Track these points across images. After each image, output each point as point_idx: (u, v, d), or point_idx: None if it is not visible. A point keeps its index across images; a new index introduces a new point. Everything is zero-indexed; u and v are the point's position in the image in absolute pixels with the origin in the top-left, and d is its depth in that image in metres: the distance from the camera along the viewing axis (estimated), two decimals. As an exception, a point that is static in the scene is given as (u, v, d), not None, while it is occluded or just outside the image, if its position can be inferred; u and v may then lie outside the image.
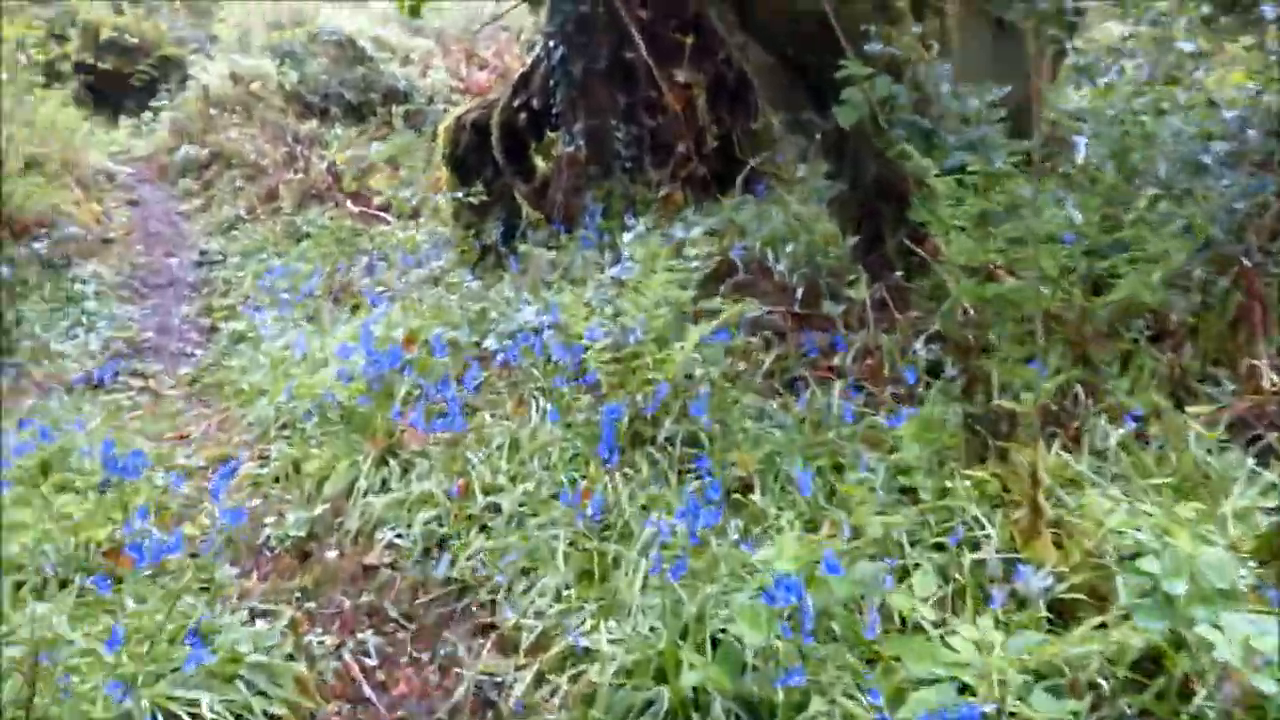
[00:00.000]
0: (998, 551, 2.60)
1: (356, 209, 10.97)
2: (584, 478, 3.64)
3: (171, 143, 12.80)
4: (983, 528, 2.72)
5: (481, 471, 3.78)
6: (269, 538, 3.82)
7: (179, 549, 3.27)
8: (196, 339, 8.24)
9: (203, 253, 10.17)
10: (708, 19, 7.12)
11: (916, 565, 2.67)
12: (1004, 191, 3.43)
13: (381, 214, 10.64)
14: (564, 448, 3.79)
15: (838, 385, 3.87)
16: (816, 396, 3.90)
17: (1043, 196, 3.36)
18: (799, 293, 5.05)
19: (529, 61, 8.01)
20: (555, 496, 3.56)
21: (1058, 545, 2.60)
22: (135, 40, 19.29)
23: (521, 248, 7.01)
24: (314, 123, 12.36)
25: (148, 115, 14.95)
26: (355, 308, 7.34)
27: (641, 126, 7.38)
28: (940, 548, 2.74)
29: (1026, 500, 2.63)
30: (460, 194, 7.87)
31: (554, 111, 7.34)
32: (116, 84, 19.62)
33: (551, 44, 7.14)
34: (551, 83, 7.25)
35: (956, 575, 2.60)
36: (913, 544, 2.77)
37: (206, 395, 6.57)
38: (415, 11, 8.15)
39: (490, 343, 4.86)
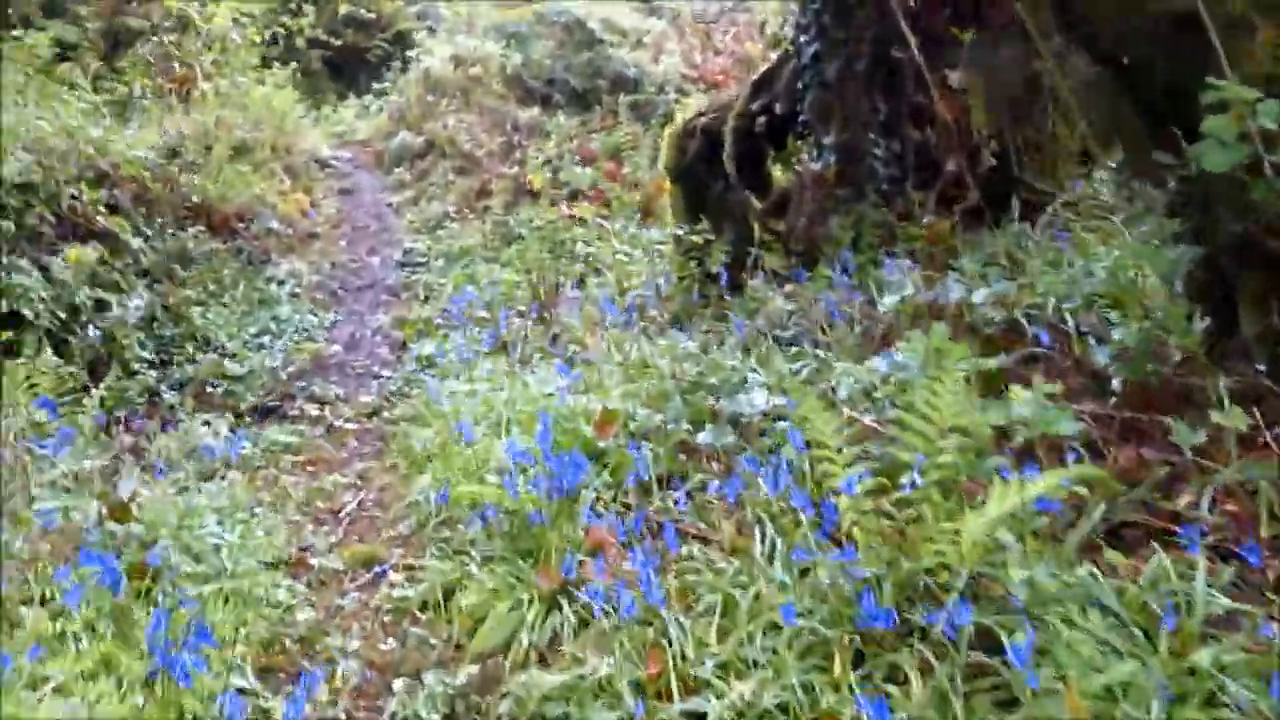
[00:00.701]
0: None
1: (572, 209, 10.23)
2: (826, 684, 2.58)
3: (390, 127, 12.44)
4: None
5: (681, 647, 2.78)
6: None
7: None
8: (386, 355, 7.66)
9: (406, 252, 9.66)
10: (997, 10, 5.89)
11: None
12: None
13: (600, 219, 9.84)
14: (799, 630, 2.73)
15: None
16: (1164, 569, 2.66)
17: None
18: (1115, 384, 3.80)
19: (773, 59, 6.94)
20: (784, 710, 2.52)
21: None
22: (372, 15, 19.42)
23: (751, 283, 5.98)
24: (535, 110, 11.71)
25: (364, 101, 14.74)
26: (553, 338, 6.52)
27: (904, 140, 6.21)
28: None
29: None
30: (684, 210, 6.92)
31: (800, 120, 6.25)
32: (352, 59, 19.83)
33: (803, 39, 6.04)
34: (799, 85, 6.16)
35: None
36: None
37: (380, 438, 5.91)
38: None
39: (706, 436, 3.85)
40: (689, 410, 4.24)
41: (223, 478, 5.08)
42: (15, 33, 14.62)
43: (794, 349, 4.88)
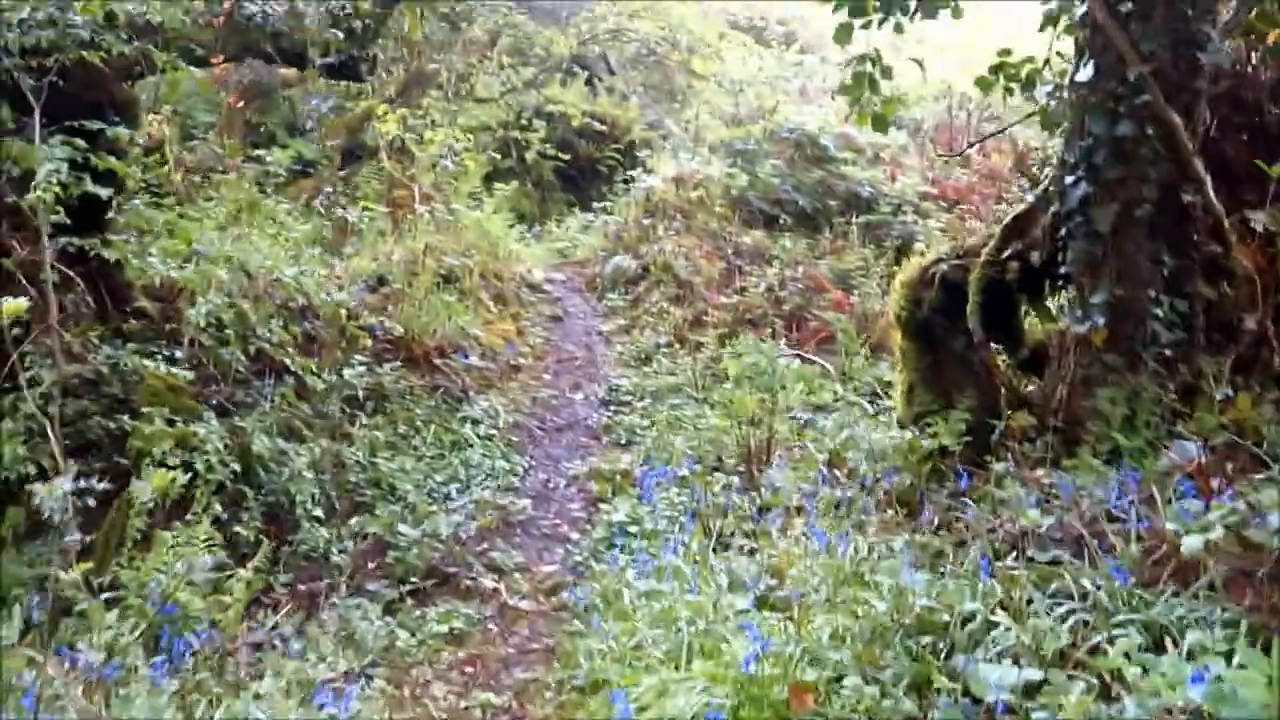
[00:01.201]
0: None
1: (793, 343, 9.47)
2: None
3: (607, 248, 12.11)
4: None
5: None
6: None
7: None
8: (577, 512, 7.08)
9: (612, 388, 9.13)
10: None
11: None
12: None
13: (823, 359, 9.05)
14: None
15: None
16: None
17: None
18: None
19: (1029, 198, 6.04)
20: None
21: None
22: (605, 127, 19.53)
23: (995, 466, 5.02)
24: (759, 233, 11.09)
25: (590, 216, 14.56)
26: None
27: (1192, 298, 5.17)
28: None
29: None
30: (916, 370, 6.04)
31: (1062, 272, 5.30)
32: (585, 170, 19.99)
33: (1068, 180, 5.12)
34: (1063, 231, 5.22)
35: None
36: None
37: (558, 628, 5.26)
38: (880, 125, 6.47)
39: (935, 723, 2.97)
40: (912, 669, 3.36)
41: (369, 677, 4.55)
42: (258, 152, 15.35)
43: (1052, 566, 3.92)
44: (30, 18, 5.66)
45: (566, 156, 17.90)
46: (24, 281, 5.71)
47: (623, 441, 8.21)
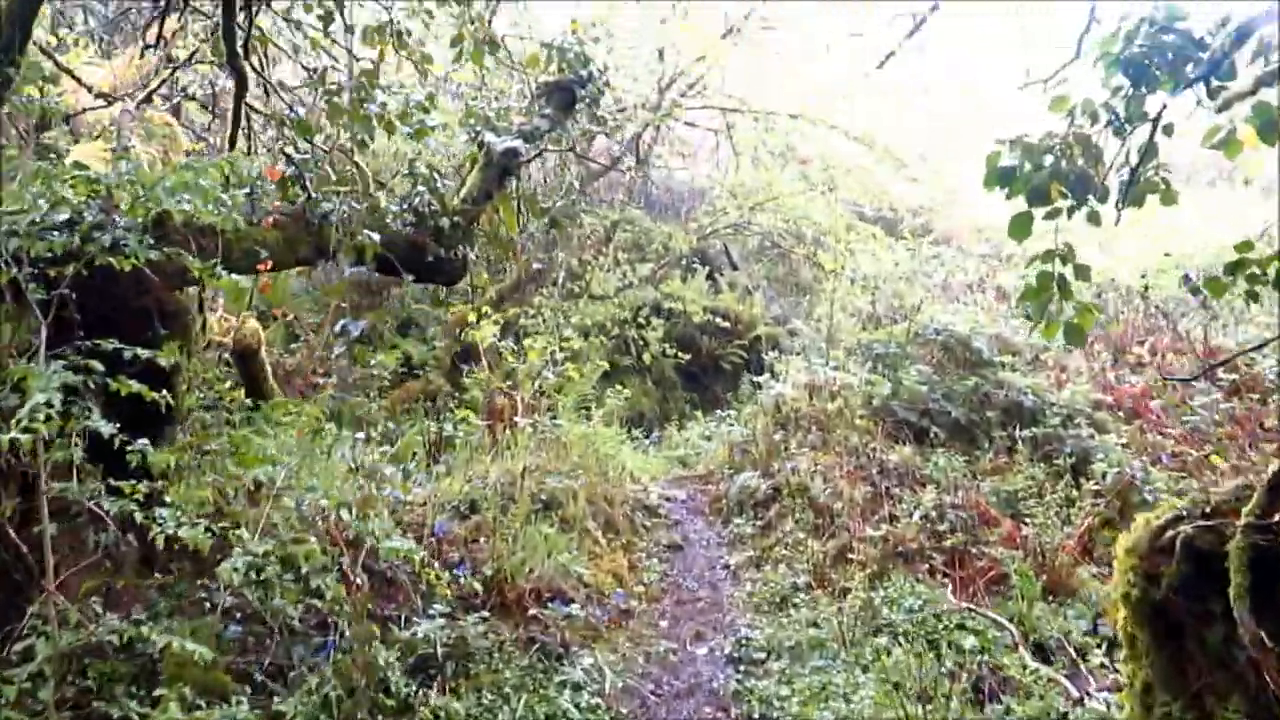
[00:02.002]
0: None
1: (961, 585, 7.99)
2: None
3: (733, 462, 10.84)
4: None
5: None
6: None
7: None
8: (700, 824, 5.60)
9: (740, 641, 7.69)
10: None
11: None
12: None
13: (995, 607, 7.52)
14: None
15: None
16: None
17: None
18: None
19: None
20: None
21: None
22: (728, 323, 18.59)
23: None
24: (908, 449, 9.70)
25: (713, 421, 13.40)
26: None
27: None
28: None
29: None
30: (1154, 663, 4.54)
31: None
32: (708, 367, 18.97)
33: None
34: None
35: None
36: None
37: None
38: (1075, 338, 5.18)
39: None
40: None
41: None
42: (376, 359, 14.73)
43: None
44: (48, 218, 4.85)
45: (687, 356, 16.93)
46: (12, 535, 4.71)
47: (756, 716, 6.74)
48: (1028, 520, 8.75)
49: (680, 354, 16.69)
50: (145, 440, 4.98)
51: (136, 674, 5.11)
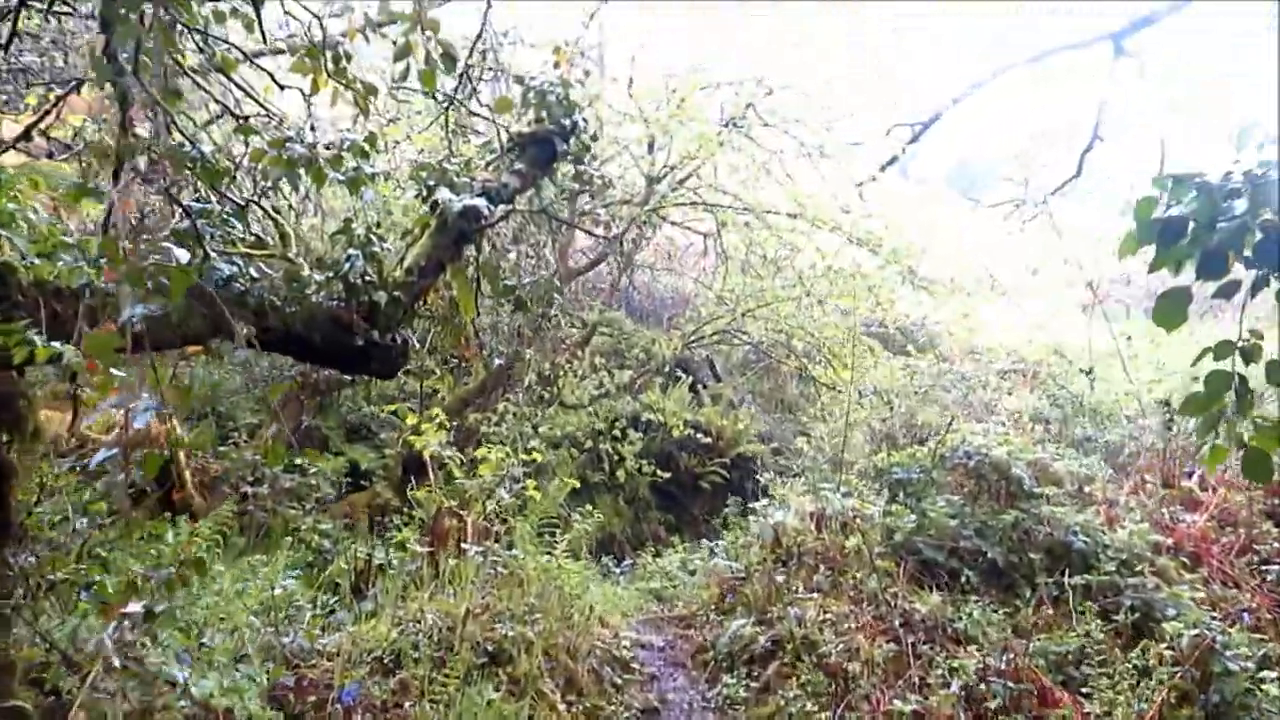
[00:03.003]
0: None
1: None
2: None
3: (721, 603, 9.10)
4: None
5: None
6: None
7: None
8: None
9: None
10: None
11: None
12: None
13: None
14: None
15: None
16: None
17: None
18: None
19: None
20: None
21: None
22: (710, 439, 16.99)
23: None
24: (936, 597, 8.02)
25: (694, 549, 11.69)
26: None
27: None
28: None
29: None
30: None
31: None
32: (685, 488, 17.26)
33: None
34: None
35: None
36: None
37: None
38: (1259, 470, 3.59)
39: None
40: None
41: None
42: (305, 462, 13.00)
43: None
44: None
45: (667, 474, 15.27)
46: None
47: None
48: (1087, 694, 7.05)
49: (659, 471, 15.01)
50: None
51: None
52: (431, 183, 6.76)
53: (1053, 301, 21.03)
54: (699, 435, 16.40)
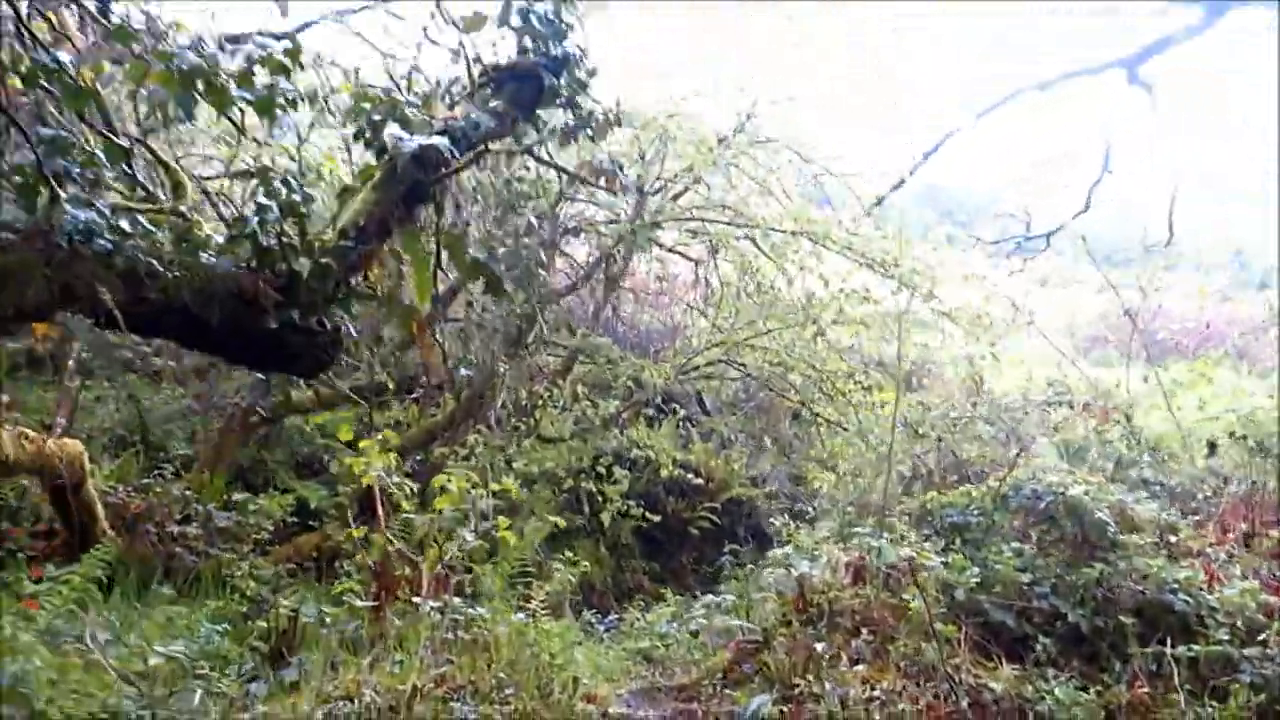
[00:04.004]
0: None
1: None
2: None
3: (735, 673, 7.39)
4: None
5: None
6: None
7: None
8: None
9: None
10: None
11: None
12: None
13: None
14: None
15: None
16: None
17: None
18: None
19: None
20: None
21: None
22: (700, 480, 15.30)
23: None
24: (1006, 669, 6.35)
25: (690, 603, 10.00)
26: None
27: None
28: None
29: None
30: None
31: None
32: (673, 534, 15.55)
33: None
34: None
35: None
36: None
37: None
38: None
39: None
40: None
41: None
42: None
43: None
44: None
45: (657, 517, 13.58)
46: None
47: None
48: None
49: (648, 514, 13.31)
50: None
51: None
52: (377, 117, 5.13)
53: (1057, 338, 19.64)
54: (689, 476, 14.74)
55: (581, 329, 14.54)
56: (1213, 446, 10.52)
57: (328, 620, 6.17)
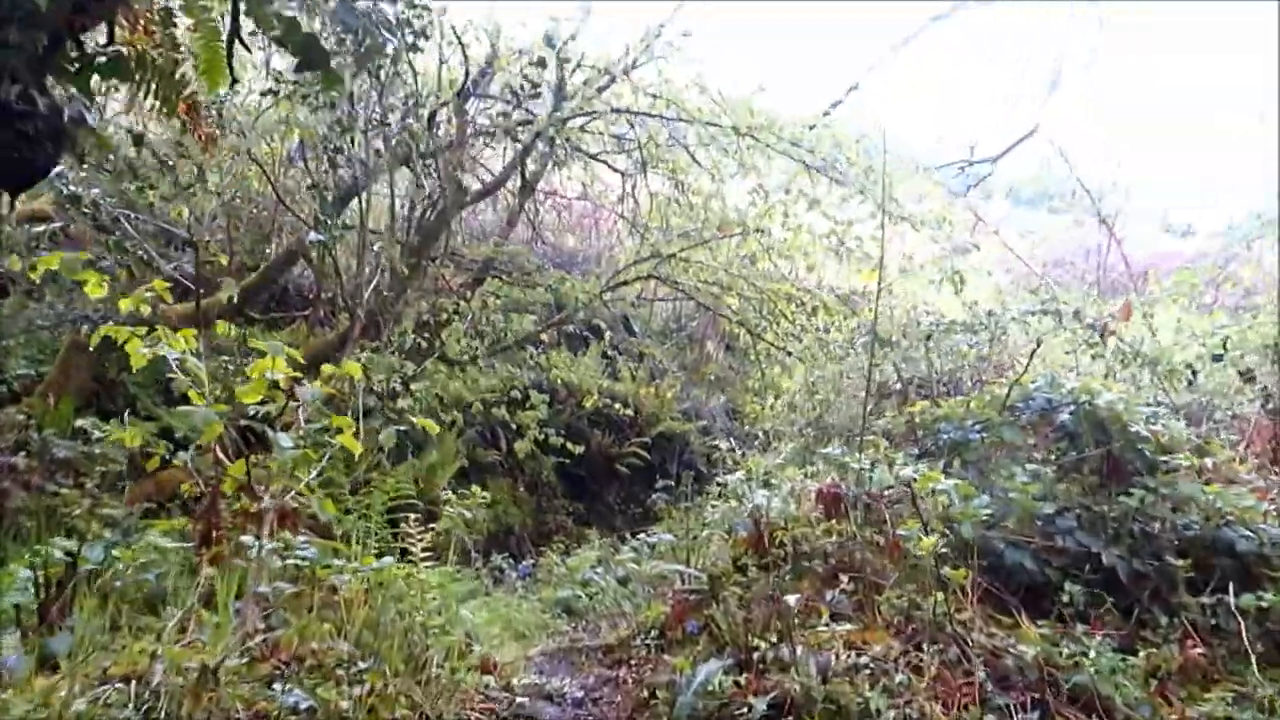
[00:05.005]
0: None
1: None
2: None
3: (674, 631, 5.83)
4: None
5: None
6: None
7: None
8: None
9: None
10: None
11: None
12: None
13: None
14: None
15: None
16: None
17: None
18: None
19: None
20: None
21: None
22: (629, 412, 13.74)
23: None
24: (1028, 626, 4.86)
25: (616, 545, 8.46)
26: None
27: None
28: None
29: None
30: None
31: None
32: (599, 472, 14.00)
33: None
34: None
35: None
36: None
37: None
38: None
39: None
40: None
41: None
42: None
43: None
44: None
45: (579, 447, 11.99)
46: None
47: None
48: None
49: (569, 446, 11.71)
50: None
51: None
52: None
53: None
54: (616, 407, 13.18)
55: (494, 238, 12.82)
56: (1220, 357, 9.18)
57: (118, 568, 4.48)
